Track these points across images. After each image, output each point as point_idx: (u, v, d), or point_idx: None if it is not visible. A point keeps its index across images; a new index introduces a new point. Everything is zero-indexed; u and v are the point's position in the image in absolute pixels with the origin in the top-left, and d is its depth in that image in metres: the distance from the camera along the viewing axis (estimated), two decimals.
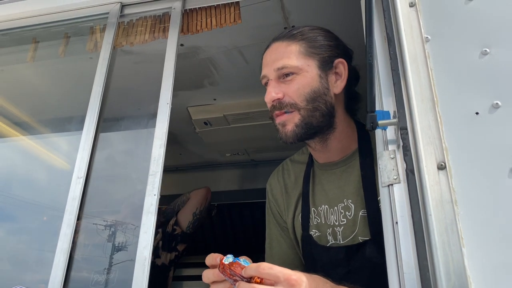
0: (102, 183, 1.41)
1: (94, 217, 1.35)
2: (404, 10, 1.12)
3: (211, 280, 1.01)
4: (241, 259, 0.97)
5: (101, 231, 1.34)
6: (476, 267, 0.84)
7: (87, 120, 1.45)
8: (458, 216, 0.89)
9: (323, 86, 1.29)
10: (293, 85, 1.27)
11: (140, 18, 1.68)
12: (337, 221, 1.32)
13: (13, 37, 1.82)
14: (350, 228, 1.29)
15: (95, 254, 1.32)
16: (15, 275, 1.34)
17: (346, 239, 1.30)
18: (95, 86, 1.50)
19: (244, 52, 2.32)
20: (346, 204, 1.31)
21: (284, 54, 1.30)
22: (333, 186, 1.37)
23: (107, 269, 1.27)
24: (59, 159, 1.61)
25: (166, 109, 1.38)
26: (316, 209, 1.38)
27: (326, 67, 1.31)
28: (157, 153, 1.31)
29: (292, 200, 1.47)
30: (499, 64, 1.00)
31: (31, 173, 1.60)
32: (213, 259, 1.00)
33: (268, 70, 1.32)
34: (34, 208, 1.50)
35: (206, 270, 1.02)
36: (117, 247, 1.30)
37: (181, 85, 2.66)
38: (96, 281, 1.25)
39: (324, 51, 1.31)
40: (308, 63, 1.29)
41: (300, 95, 1.27)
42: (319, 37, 1.34)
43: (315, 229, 1.37)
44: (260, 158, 3.62)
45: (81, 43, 1.71)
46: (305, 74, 1.28)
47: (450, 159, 0.94)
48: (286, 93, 1.27)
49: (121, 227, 1.33)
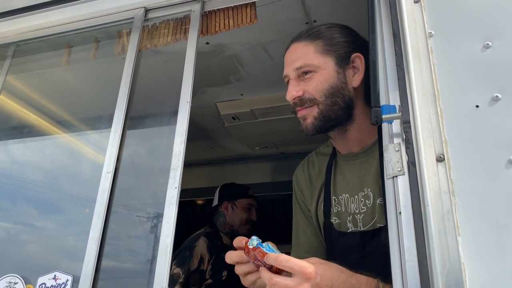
0: (129, 177, 1.52)
1: (122, 209, 1.46)
2: (408, 6, 1.15)
3: (233, 260, 1.11)
4: (264, 244, 1.04)
5: (128, 221, 1.45)
6: (470, 254, 0.88)
7: (115, 118, 1.56)
8: (455, 206, 0.92)
9: (340, 81, 1.35)
10: (312, 82, 1.34)
11: (163, 21, 1.78)
12: (357, 209, 1.37)
13: (49, 43, 1.97)
14: (370, 216, 1.34)
15: (123, 243, 1.43)
16: (53, 259, 1.48)
17: (367, 225, 1.35)
18: (122, 87, 1.61)
19: (268, 48, 2.37)
20: (366, 193, 1.36)
21: (302, 54, 1.37)
22: (354, 176, 1.41)
23: (134, 256, 1.38)
24: (95, 154, 1.73)
25: (186, 107, 1.47)
26: (337, 198, 1.44)
27: (343, 63, 1.36)
28: (178, 149, 1.40)
29: (315, 190, 1.53)
30: (501, 57, 1.02)
31: (68, 167, 1.73)
32: (239, 242, 1.10)
33: (288, 70, 1.40)
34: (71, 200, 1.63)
35: (229, 252, 1.12)
36: (142, 236, 1.41)
37: (209, 82, 2.75)
38: (124, 266, 1.37)
39: (340, 48, 1.37)
40: (325, 60, 1.35)
41: (319, 91, 1.33)
42: (335, 34, 1.39)
43: (335, 217, 1.43)
44: (289, 151, 3.66)
45: (110, 47, 1.83)
46: (322, 72, 1.34)
47: (450, 151, 0.98)
48: (306, 90, 1.34)
49: (146, 217, 1.43)
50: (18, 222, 1.67)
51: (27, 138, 1.91)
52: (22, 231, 1.64)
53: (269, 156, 3.81)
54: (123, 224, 1.46)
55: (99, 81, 1.95)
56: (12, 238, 1.62)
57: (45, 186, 1.72)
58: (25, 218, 1.68)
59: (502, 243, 0.87)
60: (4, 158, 1.89)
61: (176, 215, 1.32)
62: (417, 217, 0.96)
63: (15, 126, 1.98)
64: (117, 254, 1.40)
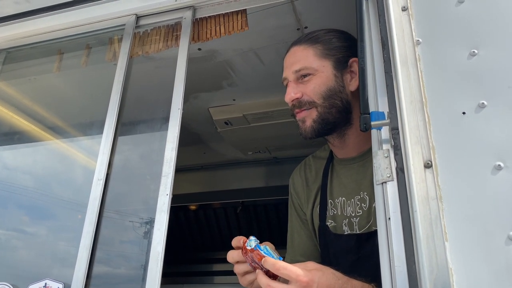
0: (120, 184, 1.52)
1: (114, 216, 1.46)
2: (396, 14, 1.17)
3: (235, 260, 1.13)
4: (262, 247, 1.06)
5: (119, 228, 1.46)
6: (458, 260, 0.88)
7: (106, 125, 1.56)
8: (443, 212, 0.93)
9: (338, 85, 1.38)
10: (310, 84, 1.37)
11: (154, 28, 1.78)
12: (353, 212, 1.39)
13: (40, 49, 1.97)
14: (366, 219, 1.36)
15: (115, 250, 1.43)
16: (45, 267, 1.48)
17: (362, 229, 1.37)
18: (113, 93, 1.61)
19: (259, 53, 2.39)
20: (362, 197, 1.38)
21: (301, 57, 1.40)
22: (351, 179, 1.44)
23: (125, 263, 1.38)
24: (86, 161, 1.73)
25: (178, 114, 1.47)
26: (333, 201, 1.46)
27: (341, 67, 1.40)
28: (169, 156, 1.41)
29: (312, 193, 1.55)
30: (486, 64, 1.03)
31: (59, 174, 1.73)
32: (237, 241, 1.13)
33: (287, 73, 1.42)
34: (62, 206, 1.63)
35: (231, 251, 1.14)
36: (134, 243, 1.41)
37: (201, 87, 2.76)
38: (115, 273, 1.37)
39: (338, 52, 1.41)
40: (324, 64, 1.39)
41: (317, 93, 1.36)
42: (333, 39, 1.43)
43: (331, 220, 1.45)
44: (282, 155, 3.68)
45: (102, 53, 1.84)
46: (321, 75, 1.37)
47: (437, 157, 0.99)
48: (304, 92, 1.37)
49: (137, 224, 1.43)
50: (8, 229, 1.66)
51: (18, 144, 1.91)
52: (13, 238, 1.63)
53: (262, 161, 3.83)
54: (115, 231, 1.46)
55: (90, 87, 1.95)
56: (2, 244, 1.61)
57: (36, 192, 1.71)
58: (15, 225, 1.67)
59: (489, 248, 0.88)
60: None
61: (168, 222, 1.32)
62: (406, 223, 0.97)
63: (5, 132, 1.97)
64: (108, 261, 1.40)
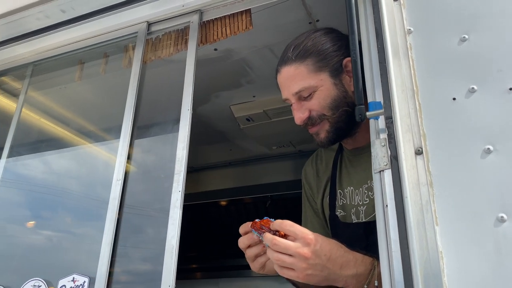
0: (137, 183, 1.62)
1: (132, 213, 1.56)
2: (388, 4, 1.18)
3: (246, 244, 1.17)
4: (273, 219, 1.12)
5: (137, 225, 1.55)
6: (448, 243, 0.91)
7: (123, 129, 1.66)
8: (433, 197, 0.96)
9: (341, 91, 1.37)
10: (314, 100, 1.36)
11: (165, 33, 1.86)
12: (361, 201, 1.42)
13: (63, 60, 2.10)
14: (372, 207, 1.37)
15: (134, 246, 1.52)
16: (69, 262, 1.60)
17: (369, 217, 1.39)
18: (129, 98, 1.70)
19: (274, 49, 2.41)
20: (369, 185, 1.40)
21: (297, 78, 1.37)
22: (359, 169, 1.46)
23: (143, 256, 1.47)
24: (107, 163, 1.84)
25: (188, 114, 1.54)
26: (342, 191, 1.49)
27: (337, 72, 1.38)
28: (181, 154, 1.48)
29: (322, 184, 1.58)
30: (476, 49, 1.04)
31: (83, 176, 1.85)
32: (246, 225, 1.17)
33: (287, 94, 1.41)
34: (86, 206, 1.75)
35: (240, 238, 1.18)
36: (150, 238, 1.50)
37: (221, 86, 2.83)
38: (134, 267, 1.46)
39: (331, 59, 1.38)
40: (321, 77, 1.36)
41: (324, 107, 1.36)
42: (322, 46, 1.39)
43: (340, 209, 1.48)
44: (307, 149, 3.69)
45: (118, 61, 1.94)
46: (321, 89, 1.36)
47: (428, 144, 1.01)
48: (311, 109, 1.37)
49: (153, 220, 1.52)
50: (40, 228, 1.80)
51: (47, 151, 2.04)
52: (44, 237, 1.76)
53: (288, 155, 3.85)
54: (133, 227, 1.55)
55: (110, 94, 2.06)
56: (35, 243, 1.75)
57: (61, 194, 1.84)
58: (45, 225, 1.80)
59: (478, 231, 0.89)
60: (22, 168, 2.02)
61: (181, 217, 1.40)
62: (399, 209, 1.00)
63: (36, 139, 2.12)
64: (128, 255, 1.50)
